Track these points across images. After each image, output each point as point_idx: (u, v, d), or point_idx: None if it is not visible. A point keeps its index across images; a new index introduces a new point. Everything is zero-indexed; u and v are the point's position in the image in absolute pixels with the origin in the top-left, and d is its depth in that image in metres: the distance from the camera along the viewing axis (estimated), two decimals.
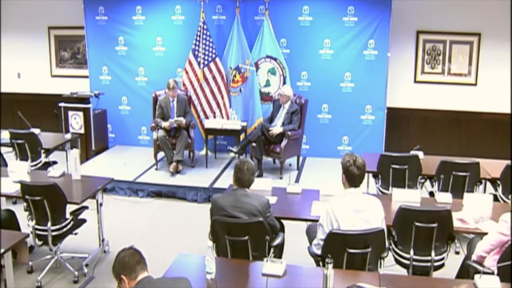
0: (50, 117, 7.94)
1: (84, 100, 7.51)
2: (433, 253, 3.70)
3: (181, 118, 6.91)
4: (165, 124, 6.84)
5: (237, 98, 7.58)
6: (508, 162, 4.83)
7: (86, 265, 4.62)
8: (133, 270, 2.48)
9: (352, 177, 3.37)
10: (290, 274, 3.08)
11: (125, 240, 5.00)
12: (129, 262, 2.49)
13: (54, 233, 4.27)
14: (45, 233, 4.26)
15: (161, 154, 7.07)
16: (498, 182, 4.95)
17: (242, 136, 7.25)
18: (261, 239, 3.50)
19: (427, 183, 5.32)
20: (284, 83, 7.43)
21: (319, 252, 3.44)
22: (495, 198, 4.68)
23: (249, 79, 7.48)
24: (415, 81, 7.71)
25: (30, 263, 4.54)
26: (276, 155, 6.89)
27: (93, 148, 7.62)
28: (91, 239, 4.89)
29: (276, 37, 7.41)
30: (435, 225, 3.61)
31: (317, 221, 3.53)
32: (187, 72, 7.55)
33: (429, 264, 3.73)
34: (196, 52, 7.43)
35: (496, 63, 7.33)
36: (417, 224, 3.62)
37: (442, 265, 3.80)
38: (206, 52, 7.41)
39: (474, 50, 7.42)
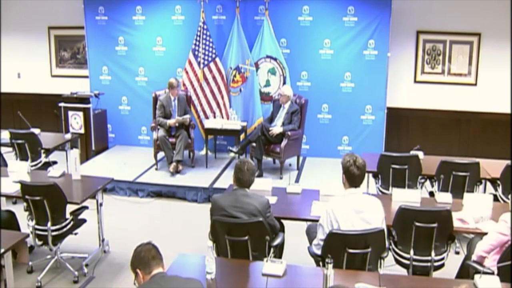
0: (50, 117, 7.95)
1: (84, 100, 7.51)
2: (433, 253, 3.70)
3: (186, 116, 6.94)
4: (170, 121, 6.84)
5: (237, 98, 7.58)
6: (508, 162, 4.83)
7: (86, 265, 4.61)
8: (147, 264, 2.52)
9: (352, 177, 3.36)
10: (290, 274, 3.08)
11: (125, 240, 5.02)
12: (144, 256, 2.54)
13: (54, 233, 4.27)
14: (45, 233, 4.26)
15: (161, 154, 7.07)
16: (498, 182, 4.95)
17: (242, 136, 7.25)
18: (261, 239, 3.50)
19: (427, 183, 5.32)
20: (284, 83, 7.43)
21: (319, 252, 3.44)
22: (495, 198, 4.68)
23: (249, 79, 7.48)
24: (415, 81, 7.71)
25: (30, 263, 4.54)
26: (276, 155, 6.89)
27: (93, 148, 7.62)
28: (91, 239, 4.89)
29: (276, 37, 7.41)
30: (435, 225, 3.61)
31: (317, 221, 3.53)
32: (187, 72, 7.55)
33: (429, 264, 3.73)
34: (196, 52, 7.43)
35: (496, 63, 7.33)
36: (417, 224, 3.62)
37: (442, 265, 3.81)
38: (206, 52, 7.41)
39: (474, 50, 7.42)
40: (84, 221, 4.59)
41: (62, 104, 7.52)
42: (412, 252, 3.72)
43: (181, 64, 7.65)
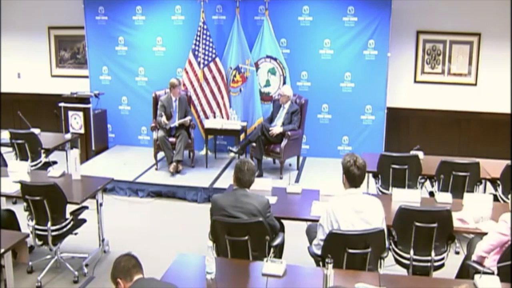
0: (50, 117, 7.92)
1: (84, 100, 7.51)
2: (433, 253, 3.70)
3: (187, 118, 6.95)
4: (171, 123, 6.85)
5: (237, 98, 7.58)
6: (508, 162, 4.83)
7: (86, 265, 4.62)
8: (128, 273, 2.58)
9: (353, 177, 3.36)
10: (290, 274, 3.08)
11: (125, 240, 5.03)
12: (124, 266, 2.59)
13: (54, 233, 4.27)
14: (45, 233, 4.26)
15: (161, 154, 7.07)
16: (498, 182, 4.95)
17: (242, 136, 7.25)
18: (261, 239, 3.50)
19: (427, 183, 5.32)
20: (284, 83, 7.43)
21: (319, 252, 3.44)
22: (495, 198, 4.68)
23: (249, 79, 7.48)
24: (415, 81, 7.71)
25: (30, 263, 4.53)
26: (276, 155, 6.89)
27: (93, 148, 7.62)
28: (91, 239, 4.88)
29: (276, 37, 7.41)
30: (435, 225, 3.61)
31: (317, 221, 3.53)
32: (187, 72, 7.55)
33: (429, 264, 3.73)
34: (196, 52, 7.43)
35: (496, 63, 7.33)
36: (417, 224, 3.62)
37: (442, 265, 3.80)
38: (206, 52, 7.41)
39: (474, 50, 7.43)
40: (84, 221, 4.58)
41: (62, 104, 7.52)
42: (412, 252, 3.72)
43: (181, 64, 7.65)
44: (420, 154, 5.37)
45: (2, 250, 3.37)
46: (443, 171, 4.95)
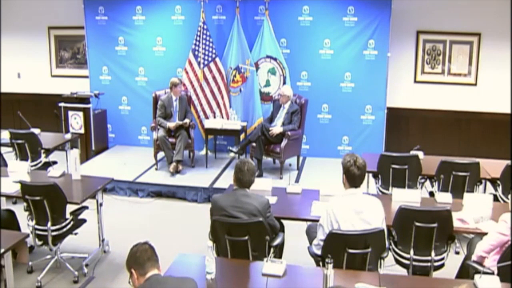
0: (50, 117, 7.93)
1: (84, 100, 7.51)
2: (433, 253, 3.70)
3: (186, 121, 6.95)
4: (170, 125, 6.84)
5: (237, 98, 7.58)
6: (508, 162, 4.83)
7: (86, 265, 4.62)
8: (142, 265, 2.50)
9: (353, 178, 3.36)
10: (290, 274, 3.08)
11: (125, 240, 5.00)
12: (139, 257, 2.51)
13: (54, 233, 4.27)
14: (45, 233, 4.26)
15: (161, 154, 7.07)
16: (498, 182, 4.95)
17: (242, 136, 7.25)
18: (261, 239, 3.50)
19: (427, 183, 5.32)
20: (284, 83, 7.43)
21: (319, 252, 3.44)
22: (495, 198, 4.68)
23: (249, 79, 7.48)
24: (415, 81, 7.71)
25: (30, 263, 4.54)
26: (276, 155, 6.89)
27: (93, 148, 7.62)
28: (91, 239, 4.89)
29: (276, 37, 7.41)
30: (435, 225, 3.61)
31: (317, 221, 3.53)
32: (187, 72, 7.55)
33: (429, 264, 3.73)
34: (196, 52, 7.43)
35: (496, 63, 7.33)
36: (417, 224, 3.62)
37: (442, 265, 3.81)
38: (206, 52, 7.41)
39: (474, 50, 7.43)
40: (84, 221, 4.59)
41: (62, 104, 7.52)
42: (412, 252, 3.72)
43: (181, 64, 7.65)
44: (420, 154, 5.37)
45: (2, 250, 3.37)
46: (443, 171, 4.95)
